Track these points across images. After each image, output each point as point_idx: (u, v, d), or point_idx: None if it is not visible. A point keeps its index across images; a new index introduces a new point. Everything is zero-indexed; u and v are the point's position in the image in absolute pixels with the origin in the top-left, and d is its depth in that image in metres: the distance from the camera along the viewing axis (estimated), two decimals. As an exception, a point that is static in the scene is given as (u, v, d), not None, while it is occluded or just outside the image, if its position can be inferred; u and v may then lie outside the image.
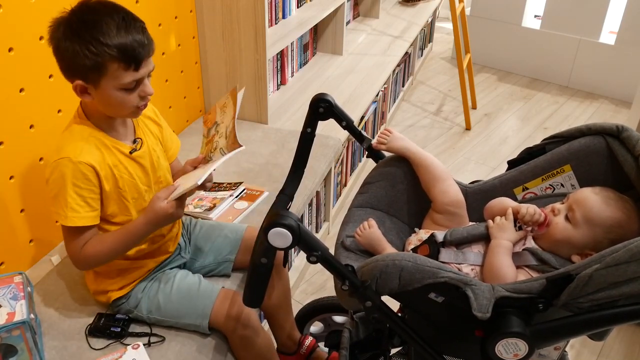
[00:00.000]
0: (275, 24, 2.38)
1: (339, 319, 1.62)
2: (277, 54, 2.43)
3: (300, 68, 2.77)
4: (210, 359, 1.29)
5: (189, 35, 2.11)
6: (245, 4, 2.01)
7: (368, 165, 2.78)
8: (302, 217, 1.97)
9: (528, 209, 1.09)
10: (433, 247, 1.13)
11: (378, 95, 2.76)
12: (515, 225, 1.10)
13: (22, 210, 1.46)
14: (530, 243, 1.11)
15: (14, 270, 1.33)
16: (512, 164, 1.26)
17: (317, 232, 2.27)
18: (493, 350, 0.93)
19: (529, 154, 1.23)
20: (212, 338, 1.32)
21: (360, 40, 3.18)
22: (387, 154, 1.33)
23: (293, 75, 2.69)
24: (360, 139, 1.34)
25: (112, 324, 1.29)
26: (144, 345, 1.25)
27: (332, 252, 1.02)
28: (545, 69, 3.81)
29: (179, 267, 1.41)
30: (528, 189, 1.23)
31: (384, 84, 2.84)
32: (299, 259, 2.11)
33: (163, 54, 1.96)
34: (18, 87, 1.38)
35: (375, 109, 2.78)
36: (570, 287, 0.90)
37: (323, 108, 1.26)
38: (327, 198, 2.26)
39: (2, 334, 1.12)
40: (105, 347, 1.26)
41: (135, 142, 1.27)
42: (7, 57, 1.33)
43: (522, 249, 1.10)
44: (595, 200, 1.06)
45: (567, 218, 1.08)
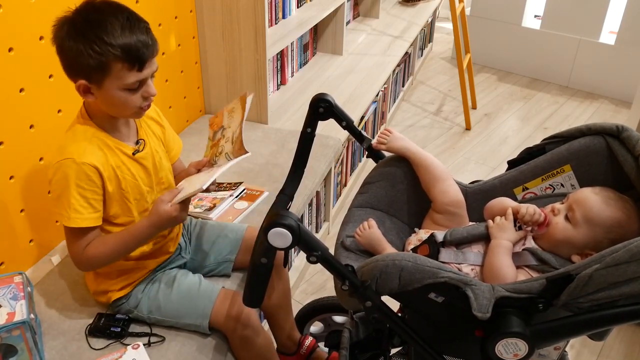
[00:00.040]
0: (275, 24, 2.38)
1: (339, 319, 1.62)
2: (277, 54, 2.43)
3: (300, 68, 2.76)
4: (210, 359, 1.29)
5: (189, 35, 2.11)
6: (245, 4, 2.01)
7: (368, 165, 2.78)
8: (302, 217, 1.96)
9: (528, 209, 1.08)
10: (433, 247, 1.13)
11: (378, 95, 2.76)
12: (515, 225, 1.10)
13: (22, 210, 1.46)
14: (530, 243, 1.10)
15: (14, 270, 1.33)
16: (512, 164, 1.26)
17: (317, 232, 2.27)
18: (493, 350, 0.93)
19: (529, 154, 1.23)
20: (212, 338, 1.32)
21: (360, 40, 3.18)
22: (387, 154, 1.33)
23: (293, 75, 2.69)
24: (360, 139, 1.34)
25: (112, 324, 1.29)
26: (144, 345, 1.26)
27: (332, 252, 1.02)
28: (545, 69, 3.80)
29: (179, 267, 1.41)
30: (528, 189, 1.23)
31: (384, 84, 2.84)
32: (299, 259, 2.11)
33: (163, 54, 1.96)
34: (18, 87, 1.38)
35: (375, 109, 2.78)
36: (570, 287, 0.90)
37: (323, 108, 1.26)
38: (327, 198, 2.26)
39: (2, 334, 1.12)
40: (105, 347, 1.26)
41: (138, 143, 1.26)
42: (7, 57, 1.33)
43: (522, 249, 1.10)
44: (595, 200, 1.06)
45: (567, 218, 1.08)
